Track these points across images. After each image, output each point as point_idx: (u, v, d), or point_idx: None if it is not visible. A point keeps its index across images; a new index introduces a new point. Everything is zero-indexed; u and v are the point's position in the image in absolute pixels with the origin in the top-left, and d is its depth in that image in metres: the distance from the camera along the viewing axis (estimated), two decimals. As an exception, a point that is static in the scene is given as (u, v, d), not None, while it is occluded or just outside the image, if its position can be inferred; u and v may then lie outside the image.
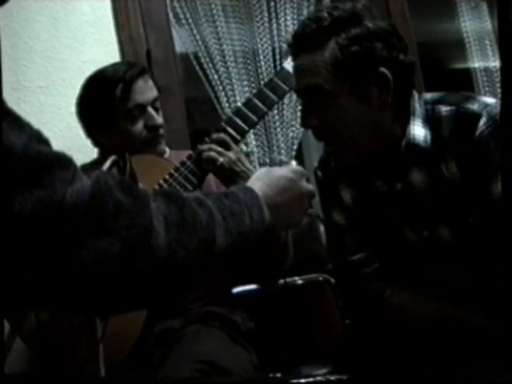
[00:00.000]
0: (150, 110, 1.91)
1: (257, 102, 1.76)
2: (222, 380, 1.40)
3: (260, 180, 1.18)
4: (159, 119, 1.92)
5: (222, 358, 1.64)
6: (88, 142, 2.02)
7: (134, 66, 1.95)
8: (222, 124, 1.77)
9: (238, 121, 1.76)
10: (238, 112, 1.78)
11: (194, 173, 1.73)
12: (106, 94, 1.87)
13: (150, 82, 1.94)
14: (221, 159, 1.70)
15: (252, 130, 2.74)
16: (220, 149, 1.72)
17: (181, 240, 0.88)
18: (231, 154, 1.72)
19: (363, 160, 1.56)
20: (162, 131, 1.94)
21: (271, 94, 1.77)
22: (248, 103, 1.78)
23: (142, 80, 1.90)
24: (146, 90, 1.91)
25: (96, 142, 2.01)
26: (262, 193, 1.12)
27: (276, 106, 2.80)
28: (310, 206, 1.28)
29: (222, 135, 1.74)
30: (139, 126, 1.90)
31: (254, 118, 1.76)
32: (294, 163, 1.30)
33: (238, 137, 1.76)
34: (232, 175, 1.71)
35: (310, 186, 1.26)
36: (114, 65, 2.02)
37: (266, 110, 1.77)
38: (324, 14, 1.48)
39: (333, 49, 1.46)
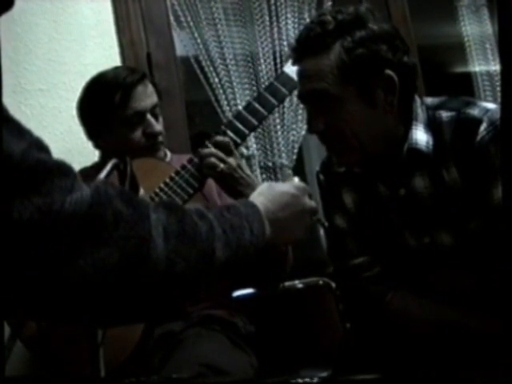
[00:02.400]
0: (149, 117, 1.90)
1: (257, 105, 1.77)
2: (220, 380, 1.40)
3: (262, 195, 1.18)
4: (158, 127, 1.91)
5: (222, 362, 1.64)
6: (89, 145, 2.02)
7: (135, 72, 1.94)
8: (223, 127, 1.77)
9: (239, 124, 1.76)
10: (238, 116, 1.78)
11: (195, 176, 1.73)
12: (105, 99, 1.87)
13: (150, 88, 1.93)
14: (221, 165, 1.70)
15: (253, 134, 2.74)
16: (221, 154, 1.71)
17: (180, 251, 0.88)
18: (232, 161, 1.72)
19: (367, 163, 1.56)
20: (160, 138, 1.93)
21: (271, 98, 1.77)
22: (248, 107, 1.78)
23: (141, 86, 1.90)
24: (145, 97, 1.90)
25: (97, 145, 2.01)
26: (264, 207, 1.12)
27: (277, 110, 2.80)
28: (311, 223, 1.27)
29: (225, 138, 1.74)
30: (138, 133, 1.89)
31: (255, 122, 1.76)
32: (296, 179, 1.29)
33: (239, 140, 1.76)
34: (232, 181, 1.71)
35: (313, 203, 1.26)
36: (115, 69, 2.01)
37: (266, 113, 1.78)
38: (328, 18, 1.47)
39: (339, 52, 1.45)
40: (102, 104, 1.88)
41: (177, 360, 1.65)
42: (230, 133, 1.75)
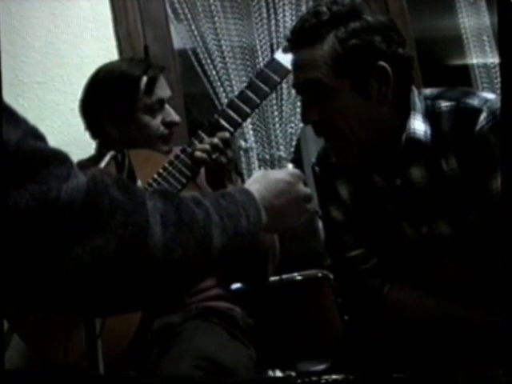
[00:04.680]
0: (168, 107, 1.92)
1: (249, 93, 1.76)
2: (222, 380, 1.40)
3: (257, 182, 1.18)
4: (177, 117, 1.93)
5: (220, 354, 1.65)
6: (87, 138, 2.00)
7: (155, 64, 1.97)
8: (215, 116, 1.76)
9: (231, 113, 1.75)
10: (231, 104, 1.78)
11: (188, 166, 1.73)
12: (130, 87, 1.87)
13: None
14: (216, 155, 1.71)
15: (251, 126, 2.74)
16: (220, 145, 1.72)
17: (177, 239, 0.88)
18: (229, 153, 1.73)
19: (363, 155, 1.56)
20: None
21: (263, 85, 1.76)
22: (241, 95, 1.77)
23: (163, 77, 1.93)
24: (166, 87, 1.93)
25: (98, 135, 1.98)
26: (259, 195, 1.12)
27: (275, 102, 2.80)
28: (306, 210, 1.27)
29: (225, 134, 1.73)
30: (157, 120, 1.90)
31: (247, 110, 1.76)
32: (290, 166, 1.29)
33: (232, 129, 1.75)
34: (223, 173, 1.73)
35: (308, 190, 1.26)
36: (131, 60, 2.03)
37: (258, 101, 1.77)
38: (323, 9, 1.48)
39: (332, 43, 1.45)
40: (126, 92, 1.88)
41: (175, 353, 1.65)
42: (222, 121, 1.74)
